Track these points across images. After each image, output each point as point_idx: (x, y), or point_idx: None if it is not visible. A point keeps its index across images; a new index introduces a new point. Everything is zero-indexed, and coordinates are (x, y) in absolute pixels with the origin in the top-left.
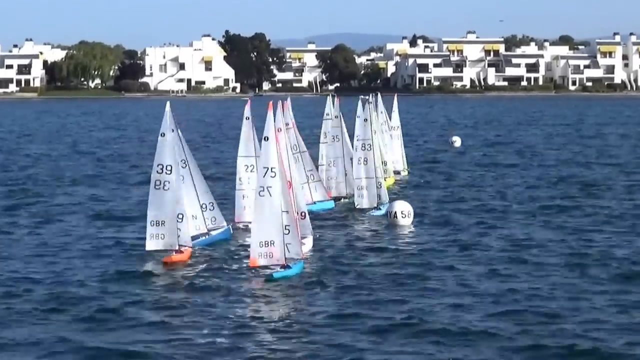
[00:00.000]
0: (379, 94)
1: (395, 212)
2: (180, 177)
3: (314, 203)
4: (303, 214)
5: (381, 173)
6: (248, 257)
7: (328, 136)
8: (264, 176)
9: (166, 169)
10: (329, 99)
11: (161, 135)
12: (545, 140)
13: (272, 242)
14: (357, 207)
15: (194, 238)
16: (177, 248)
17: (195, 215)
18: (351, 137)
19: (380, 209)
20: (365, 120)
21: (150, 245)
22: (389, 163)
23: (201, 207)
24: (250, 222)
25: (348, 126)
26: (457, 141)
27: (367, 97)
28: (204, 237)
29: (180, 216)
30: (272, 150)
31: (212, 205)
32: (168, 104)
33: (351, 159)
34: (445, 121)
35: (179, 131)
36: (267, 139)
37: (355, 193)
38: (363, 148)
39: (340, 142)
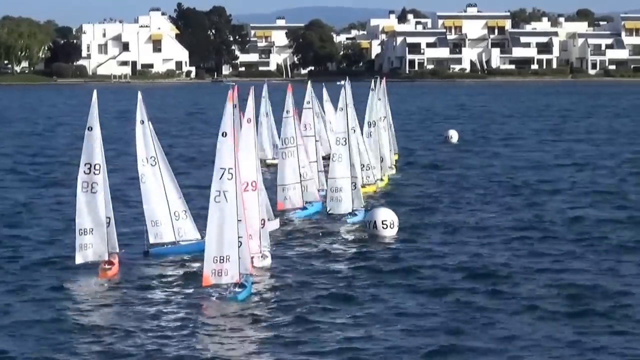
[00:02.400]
0: (383, 80)
1: (376, 222)
2: (151, 174)
3: (305, 208)
4: (263, 221)
5: (359, 172)
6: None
7: (309, 128)
8: (220, 178)
9: (94, 168)
10: (310, 84)
11: (88, 129)
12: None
13: (227, 257)
14: (330, 212)
15: (153, 246)
16: (106, 258)
17: (158, 222)
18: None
19: (356, 214)
20: (342, 109)
21: (80, 258)
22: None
23: (172, 214)
24: None
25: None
26: (453, 136)
27: (342, 83)
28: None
29: (108, 219)
30: (229, 148)
31: (184, 215)
32: (95, 93)
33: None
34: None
35: (150, 124)
36: (225, 135)
37: (327, 196)
38: (338, 143)
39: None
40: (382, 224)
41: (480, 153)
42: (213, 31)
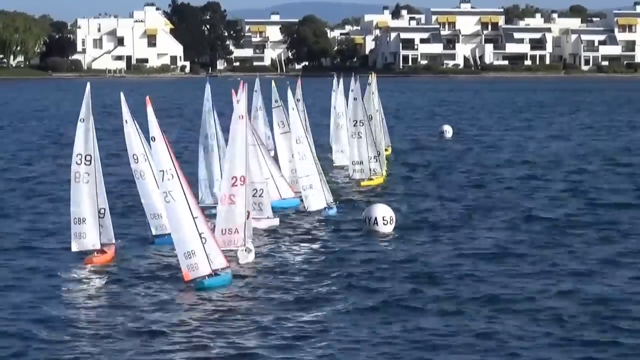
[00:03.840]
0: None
1: (376, 219)
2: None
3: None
4: (248, 213)
5: (317, 167)
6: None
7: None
8: (162, 181)
9: (85, 159)
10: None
11: (80, 121)
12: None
13: (193, 251)
14: (308, 210)
15: (156, 237)
16: (99, 247)
17: (158, 215)
18: None
19: (332, 207)
20: (293, 109)
21: (75, 246)
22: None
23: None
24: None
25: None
26: (448, 131)
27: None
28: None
29: (102, 211)
30: (163, 150)
31: None
32: (88, 85)
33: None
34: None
35: (135, 122)
36: (154, 140)
37: (302, 195)
38: (298, 142)
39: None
40: (382, 220)
41: (475, 148)
42: (207, 26)
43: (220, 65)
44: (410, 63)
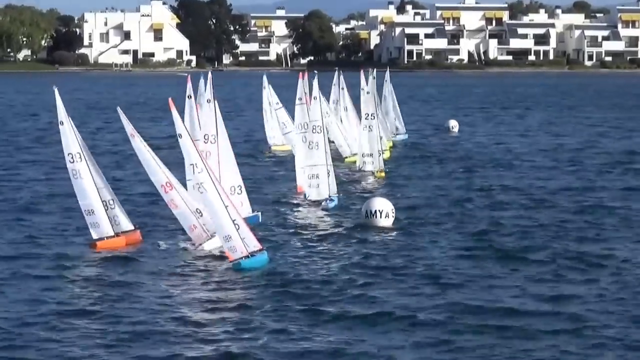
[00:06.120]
0: (374, 70)
1: (375, 212)
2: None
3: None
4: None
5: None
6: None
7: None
8: (193, 173)
9: (75, 157)
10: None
11: (60, 124)
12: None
13: (229, 236)
14: (308, 198)
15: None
16: (112, 234)
17: None
18: None
19: (333, 199)
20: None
21: (94, 234)
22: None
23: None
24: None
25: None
26: (455, 126)
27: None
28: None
29: (111, 202)
30: (190, 145)
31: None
32: (56, 90)
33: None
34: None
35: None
36: (181, 136)
37: (305, 183)
38: (314, 131)
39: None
40: (379, 213)
41: (480, 142)
42: (213, 21)
43: (226, 59)
44: (414, 58)
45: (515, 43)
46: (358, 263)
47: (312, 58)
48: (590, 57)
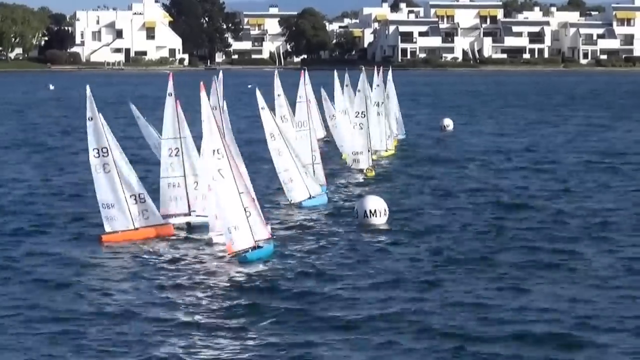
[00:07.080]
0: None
1: (366, 211)
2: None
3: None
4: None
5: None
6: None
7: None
8: (213, 158)
9: (102, 151)
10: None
11: (89, 119)
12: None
13: (236, 226)
14: (291, 202)
15: None
16: (132, 228)
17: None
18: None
19: (314, 197)
20: (263, 109)
21: (107, 227)
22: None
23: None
24: (176, 215)
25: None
26: (449, 124)
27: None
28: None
29: (141, 196)
30: (215, 131)
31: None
32: (88, 87)
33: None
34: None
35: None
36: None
37: (284, 188)
38: (272, 138)
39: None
40: (373, 212)
41: (475, 141)
42: (206, 19)
43: (219, 58)
44: (409, 56)
45: (509, 41)
46: (349, 264)
47: (305, 56)
48: (585, 55)
